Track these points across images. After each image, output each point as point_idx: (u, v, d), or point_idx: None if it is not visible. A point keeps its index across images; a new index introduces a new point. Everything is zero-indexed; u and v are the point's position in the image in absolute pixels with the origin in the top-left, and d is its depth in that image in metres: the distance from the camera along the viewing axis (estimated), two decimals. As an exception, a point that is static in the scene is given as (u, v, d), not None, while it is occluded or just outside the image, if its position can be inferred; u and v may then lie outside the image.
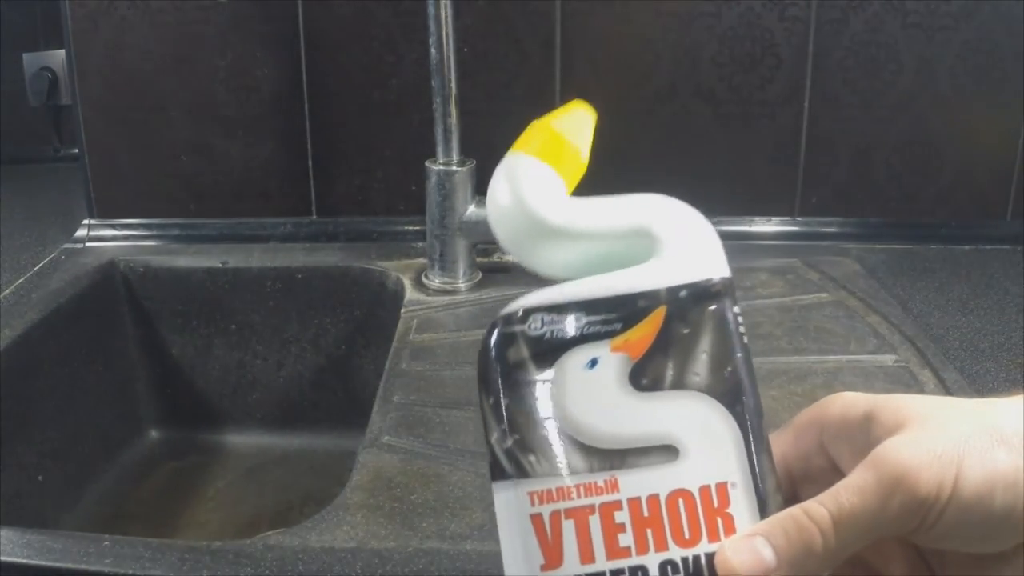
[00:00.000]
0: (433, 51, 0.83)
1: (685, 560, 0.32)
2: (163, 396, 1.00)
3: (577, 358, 0.33)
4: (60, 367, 0.87)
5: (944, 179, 0.99)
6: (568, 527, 0.33)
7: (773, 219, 1.00)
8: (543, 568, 0.33)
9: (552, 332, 0.34)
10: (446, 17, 0.82)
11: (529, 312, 0.34)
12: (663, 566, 0.32)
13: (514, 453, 0.33)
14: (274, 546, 0.53)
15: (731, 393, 0.34)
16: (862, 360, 0.73)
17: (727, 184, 0.96)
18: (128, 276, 0.97)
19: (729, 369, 0.34)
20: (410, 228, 1.00)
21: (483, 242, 0.90)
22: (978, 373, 0.73)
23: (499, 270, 0.92)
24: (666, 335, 0.34)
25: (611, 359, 0.33)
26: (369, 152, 1.00)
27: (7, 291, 0.89)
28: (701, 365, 0.34)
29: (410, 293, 0.88)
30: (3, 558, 0.52)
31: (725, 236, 0.35)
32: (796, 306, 0.83)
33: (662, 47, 0.95)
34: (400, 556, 0.52)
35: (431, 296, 0.87)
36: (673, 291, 0.34)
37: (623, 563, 0.32)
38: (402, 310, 0.85)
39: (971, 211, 1.00)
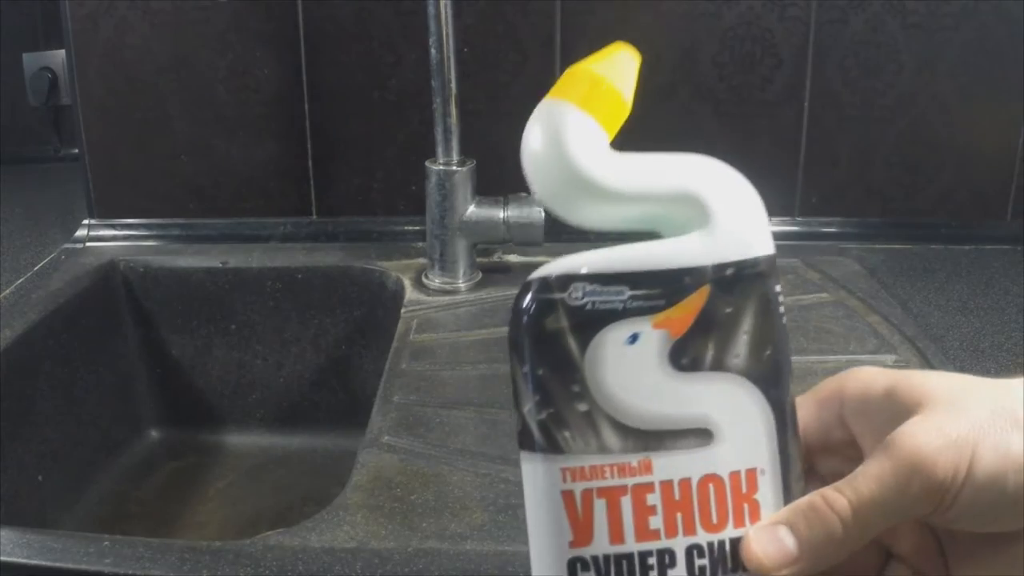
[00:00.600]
0: (433, 51, 0.83)
1: (711, 545, 0.32)
2: (163, 396, 1.00)
3: (617, 333, 0.32)
4: (60, 367, 0.87)
5: (944, 179, 0.99)
6: (600, 506, 0.32)
7: (773, 219, 0.99)
8: (571, 545, 0.32)
9: (594, 304, 0.32)
10: (446, 17, 0.82)
11: (571, 280, 0.32)
12: (689, 550, 0.32)
13: (548, 427, 0.32)
14: (274, 546, 0.53)
15: (769, 377, 0.33)
16: (862, 360, 0.73)
17: (727, 184, 0.97)
18: (128, 276, 0.97)
19: (768, 352, 0.33)
20: (410, 228, 1.00)
21: (483, 242, 0.90)
22: (978, 373, 0.72)
23: (499, 270, 0.92)
24: (709, 314, 0.32)
25: (652, 336, 0.32)
26: (369, 152, 1.00)
27: (7, 291, 0.89)
28: (741, 346, 0.33)
29: (410, 293, 0.88)
30: (3, 558, 0.52)
31: None
32: (796, 306, 0.83)
33: (662, 47, 0.95)
34: (400, 556, 0.52)
35: (431, 296, 0.87)
36: (719, 269, 0.33)
37: (651, 545, 0.32)
38: (402, 310, 0.85)
39: (971, 211, 1.00)
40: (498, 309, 0.84)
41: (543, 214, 0.86)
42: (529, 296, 0.32)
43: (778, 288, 0.34)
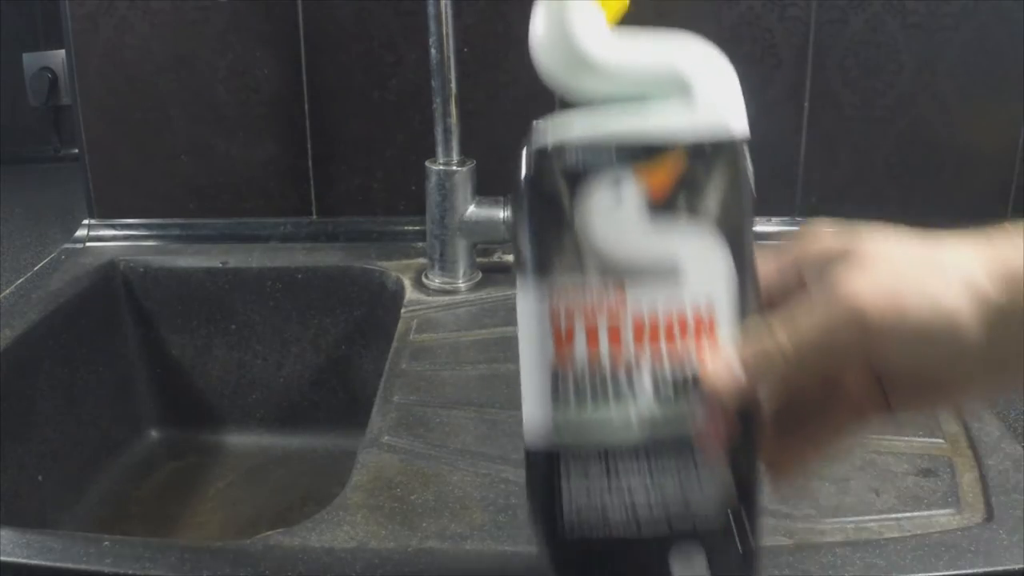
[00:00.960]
0: (433, 51, 0.83)
1: (673, 366, 0.38)
2: (163, 396, 1.00)
3: (605, 187, 0.37)
4: (60, 367, 0.87)
5: (944, 179, 0.99)
6: (579, 325, 0.38)
7: (773, 219, 1.00)
8: (555, 355, 0.38)
9: (586, 160, 0.37)
10: (446, 17, 0.82)
11: (566, 141, 0.38)
12: (653, 368, 0.38)
13: (541, 258, 0.38)
14: (274, 546, 0.53)
15: (732, 231, 0.38)
16: (862, 360, 0.73)
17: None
18: (128, 276, 0.97)
19: (734, 211, 0.38)
20: (410, 228, 1.00)
21: (483, 242, 0.90)
22: (978, 373, 0.72)
23: (499, 270, 0.92)
24: (685, 177, 0.38)
25: (634, 192, 0.37)
26: (369, 152, 1.00)
27: (7, 291, 0.89)
28: (711, 205, 0.38)
29: (410, 293, 0.88)
30: (3, 558, 0.52)
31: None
32: (796, 306, 0.83)
33: (662, 47, 0.94)
34: (400, 556, 0.52)
35: (431, 296, 0.87)
36: (698, 141, 0.38)
37: (623, 363, 0.38)
38: (402, 310, 0.85)
39: (971, 211, 1.00)
40: (498, 309, 0.84)
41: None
42: (532, 150, 0.38)
43: (750, 166, 0.39)
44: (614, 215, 0.37)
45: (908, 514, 0.55)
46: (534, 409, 0.39)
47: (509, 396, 0.69)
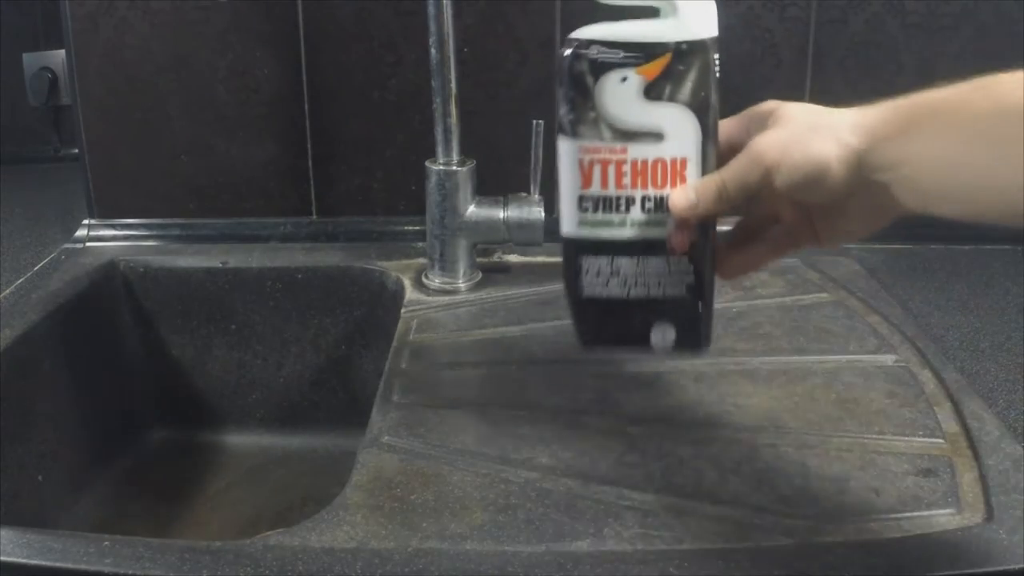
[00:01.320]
0: (433, 51, 0.83)
1: (656, 197, 0.57)
2: (163, 396, 1.00)
3: (615, 74, 0.55)
4: (60, 367, 0.87)
5: (944, 179, 0.99)
6: (597, 168, 0.57)
7: (773, 219, 1.00)
8: (580, 188, 0.57)
9: (602, 57, 0.55)
10: (446, 17, 0.82)
11: (590, 43, 0.55)
12: (643, 198, 0.57)
13: (573, 123, 0.56)
14: (274, 546, 0.53)
15: (701, 107, 0.55)
16: (862, 360, 0.73)
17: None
18: (128, 276, 0.97)
19: (703, 94, 0.55)
20: (410, 228, 1.00)
21: (483, 242, 0.90)
22: (978, 373, 0.72)
23: (499, 270, 0.92)
24: (670, 68, 0.55)
25: (634, 78, 0.55)
26: (369, 152, 1.00)
27: (7, 291, 0.89)
28: (687, 89, 0.55)
29: (410, 293, 0.88)
30: (3, 558, 0.52)
31: (725, 236, 0.52)
32: (796, 306, 0.83)
33: (662, 47, 0.95)
34: (400, 556, 0.52)
35: (431, 296, 0.87)
36: (680, 43, 0.55)
37: (623, 192, 0.57)
38: (402, 310, 0.85)
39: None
40: (498, 309, 0.84)
41: (543, 214, 0.86)
42: (568, 50, 0.55)
43: (716, 57, 0.55)
44: (620, 94, 0.55)
45: (908, 514, 0.55)
46: (567, 215, 0.58)
47: (509, 396, 0.69)
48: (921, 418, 0.65)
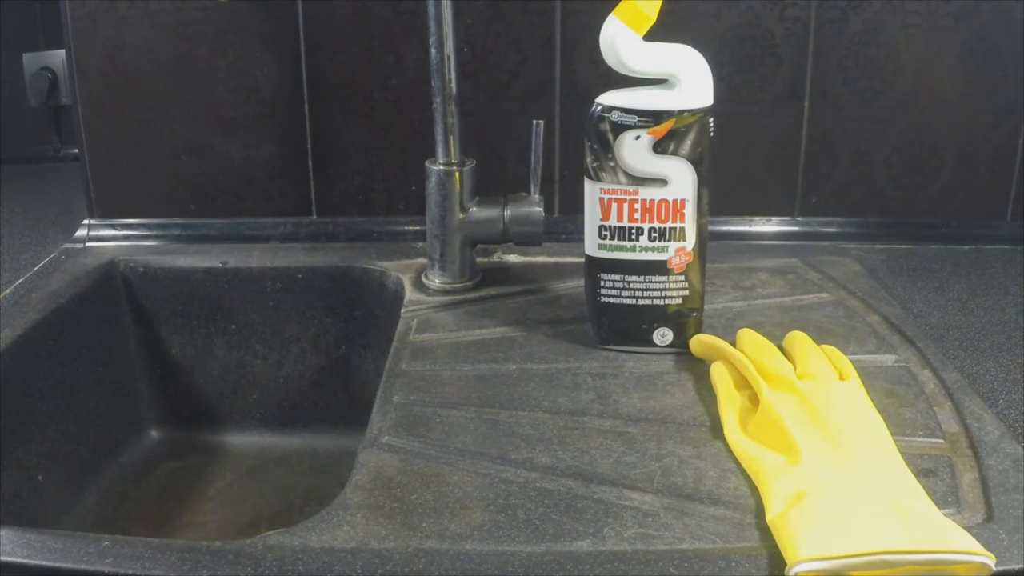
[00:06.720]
0: (433, 51, 0.83)
1: (660, 228, 0.72)
2: (163, 396, 1.00)
3: (631, 133, 0.70)
4: (60, 367, 0.87)
5: (944, 179, 0.99)
6: (614, 205, 0.72)
7: (773, 219, 1.00)
8: (601, 219, 0.72)
9: (621, 120, 0.69)
10: (446, 17, 0.82)
11: (612, 108, 0.69)
12: (650, 229, 0.72)
13: (596, 170, 0.71)
14: (274, 546, 0.53)
15: (698, 160, 0.70)
16: (862, 360, 0.73)
17: (727, 184, 0.96)
18: (128, 276, 0.97)
19: (699, 149, 0.70)
20: (410, 228, 1.00)
21: (483, 242, 0.90)
22: (978, 373, 0.72)
23: (499, 270, 0.92)
24: (674, 130, 0.69)
25: (646, 137, 0.69)
26: (369, 152, 1.00)
27: (7, 291, 0.89)
28: (687, 146, 0.70)
29: (410, 293, 0.88)
30: (3, 558, 0.52)
31: (725, 236, 0.49)
32: (796, 306, 0.83)
33: (662, 47, 0.95)
34: (400, 556, 0.52)
35: (431, 296, 0.87)
36: (682, 111, 0.69)
37: (634, 224, 0.72)
38: (402, 310, 0.85)
39: (971, 211, 1.00)
40: (498, 309, 0.84)
41: (543, 214, 0.86)
42: (594, 113, 0.70)
43: (711, 121, 0.70)
44: (634, 149, 0.70)
45: (908, 514, 0.55)
46: (590, 240, 0.73)
47: (509, 396, 0.69)
48: (921, 418, 0.65)
